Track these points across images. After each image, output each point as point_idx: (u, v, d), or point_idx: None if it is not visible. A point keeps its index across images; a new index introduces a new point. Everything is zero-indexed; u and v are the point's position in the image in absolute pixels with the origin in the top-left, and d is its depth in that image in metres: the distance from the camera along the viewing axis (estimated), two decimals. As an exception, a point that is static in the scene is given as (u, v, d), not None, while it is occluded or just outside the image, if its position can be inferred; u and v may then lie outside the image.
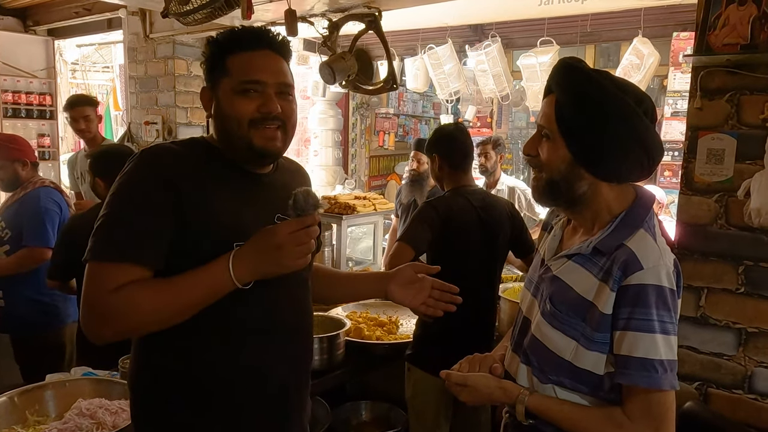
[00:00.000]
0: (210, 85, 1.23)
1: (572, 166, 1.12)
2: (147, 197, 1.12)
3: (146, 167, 1.15)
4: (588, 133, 1.10)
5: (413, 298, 1.38)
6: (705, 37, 1.75)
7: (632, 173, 1.14)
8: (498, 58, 4.46)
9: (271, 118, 1.19)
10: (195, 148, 1.23)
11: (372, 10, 2.65)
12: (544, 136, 1.15)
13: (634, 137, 1.09)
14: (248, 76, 1.18)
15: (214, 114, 1.23)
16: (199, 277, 1.10)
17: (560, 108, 1.12)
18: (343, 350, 2.24)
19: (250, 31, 1.22)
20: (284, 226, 1.09)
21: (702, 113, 1.83)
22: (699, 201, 1.87)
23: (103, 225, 1.12)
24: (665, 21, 4.26)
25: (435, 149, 2.31)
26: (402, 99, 7.80)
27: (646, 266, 1.06)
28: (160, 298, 1.09)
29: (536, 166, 1.18)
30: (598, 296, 1.10)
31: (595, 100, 1.08)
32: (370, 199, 3.70)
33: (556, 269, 1.19)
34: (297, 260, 1.11)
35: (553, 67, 1.15)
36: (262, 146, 1.19)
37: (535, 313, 1.23)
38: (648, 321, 1.04)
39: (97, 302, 1.08)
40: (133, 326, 1.12)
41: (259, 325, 1.21)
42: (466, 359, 1.33)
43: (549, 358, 1.16)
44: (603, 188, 1.14)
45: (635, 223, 1.12)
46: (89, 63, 7.97)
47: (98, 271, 1.09)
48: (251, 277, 1.12)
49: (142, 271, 1.10)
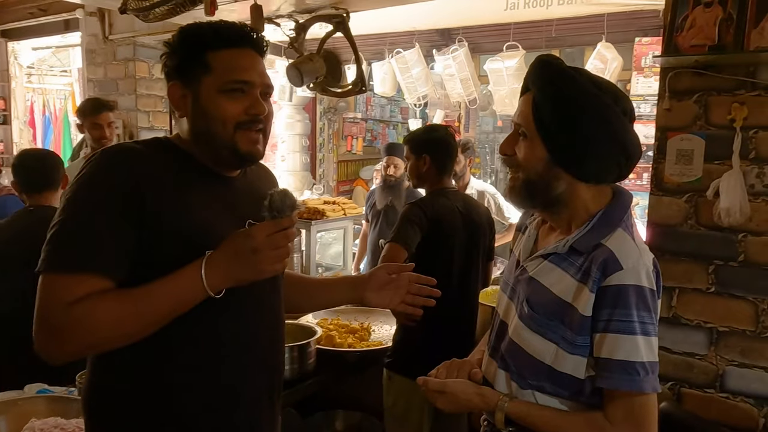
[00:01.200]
0: (183, 81, 1.14)
1: (549, 165, 1.10)
2: (108, 200, 1.03)
3: (107, 168, 1.06)
4: (565, 132, 1.07)
5: (390, 300, 1.34)
6: (673, 38, 1.76)
7: (610, 173, 1.12)
8: (465, 63, 4.48)
9: (257, 120, 1.13)
10: (160, 149, 1.15)
11: (340, 11, 2.61)
12: (521, 134, 1.12)
13: (612, 137, 1.07)
14: (236, 75, 1.11)
15: (192, 113, 1.14)
16: (167, 286, 1.02)
17: (537, 106, 1.09)
18: (315, 359, 2.18)
19: (233, 27, 1.15)
20: (261, 228, 1.02)
21: (671, 114, 1.85)
22: (669, 201, 1.88)
23: (59, 232, 1.02)
24: (627, 26, 4.36)
25: (426, 150, 2.28)
26: (370, 104, 7.77)
27: (625, 266, 1.04)
28: (124, 310, 1.00)
29: (512, 165, 1.15)
30: (577, 298, 1.07)
31: (572, 98, 1.06)
32: (339, 204, 3.65)
33: (532, 270, 1.17)
34: (274, 265, 1.04)
35: (530, 65, 1.12)
36: (247, 150, 1.13)
37: (512, 316, 1.20)
38: (629, 322, 1.02)
39: (52, 317, 0.98)
40: (94, 343, 1.02)
41: (233, 337, 1.14)
42: (444, 365, 1.29)
43: (528, 362, 1.13)
44: (580, 188, 1.12)
45: (613, 222, 1.10)
46: (46, 67, 7.70)
47: (53, 283, 0.99)
48: (225, 285, 1.04)
49: (102, 281, 1.00)
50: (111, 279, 1.02)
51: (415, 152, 2.31)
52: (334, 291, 1.44)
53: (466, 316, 2.28)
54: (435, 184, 2.31)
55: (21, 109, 7.06)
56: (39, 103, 7.62)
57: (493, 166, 7.52)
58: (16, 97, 6.77)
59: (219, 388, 1.13)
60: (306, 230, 3.48)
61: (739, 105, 1.73)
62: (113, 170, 1.06)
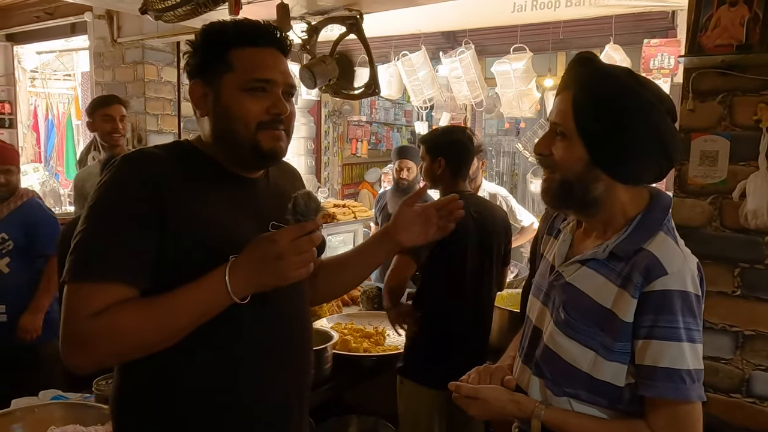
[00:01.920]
0: (204, 80, 1.12)
1: (589, 166, 1.06)
2: (130, 208, 1.02)
3: (129, 174, 1.05)
4: (607, 132, 1.04)
5: (424, 233, 1.30)
6: (696, 38, 1.74)
7: (650, 174, 1.09)
8: (472, 65, 4.46)
9: (279, 120, 1.11)
10: (180, 153, 1.14)
11: (353, 13, 2.58)
12: (559, 134, 1.09)
13: (656, 137, 1.04)
14: (258, 73, 1.09)
15: (213, 112, 1.12)
16: (191, 293, 1.00)
17: (578, 105, 1.06)
18: (331, 364, 2.16)
19: (256, 26, 1.13)
20: (285, 233, 0.99)
21: (694, 115, 1.82)
22: (693, 203, 1.86)
23: (82, 241, 1.00)
24: (636, 28, 4.36)
25: (442, 152, 2.24)
26: (374, 107, 7.77)
27: (670, 271, 1.01)
28: (148, 319, 0.98)
29: (548, 166, 1.11)
30: (618, 303, 1.04)
31: (614, 96, 1.03)
32: (349, 207, 3.63)
33: (568, 276, 1.13)
34: (298, 270, 1.00)
35: (569, 64, 1.10)
36: (270, 147, 1.11)
37: (546, 322, 1.17)
38: (674, 329, 0.99)
39: (77, 328, 0.97)
40: (119, 353, 1.01)
41: (258, 341, 1.12)
42: (476, 370, 1.25)
43: (564, 369, 1.10)
44: (619, 190, 1.09)
45: (654, 226, 1.07)
46: (49, 71, 7.70)
47: (77, 293, 0.98)
48: (249, 291, 1.01)
49: (125, 290, 0.99)
50: (134, 287, 1.00)
51: (430, 154, 2.27)
52: (368, 252, 1.38)
53: (479, 321, 2.24)
54: (449, 187, 2.27)
55: (25, 113, 7.06)
56: (42, 107, 7.62)
57: (497, 169, 7.51)
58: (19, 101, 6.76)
59: (243, 392, 1.11)
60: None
61: (766, 105, 1.71)
62: (135, 176, 1.04)
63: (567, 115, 1.07)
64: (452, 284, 2.14)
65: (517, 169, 7.49)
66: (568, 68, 1.09)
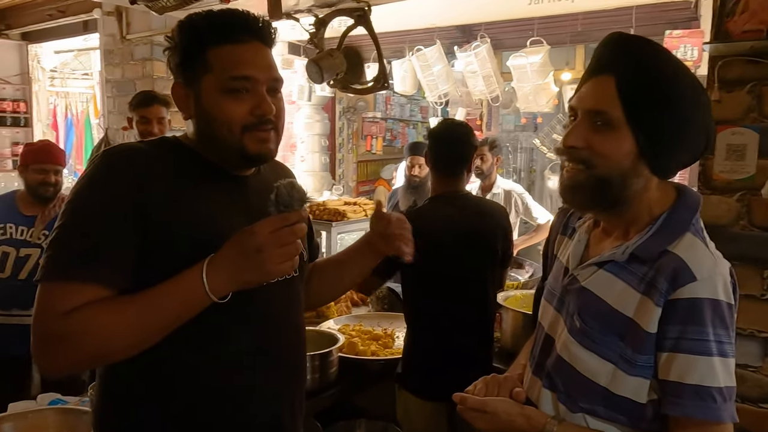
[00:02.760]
0: (184, 80, 1.07)
1: (636, 160, 0.95)
2: (109, 204, 0.97)
3: (110, 169, 1.00)
4: (664, 120, 0.92)
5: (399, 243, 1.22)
6: (723, 24, 1.63)
7: (684, 165, 0.99)
8: (487, 59, 4.37)
9: (265, 121, 1.04)
10: (167, 148, 1.08)
11: (361, 5, 2.50)
12: (602, 124, 0.95)
13: (704, 123, 0.94)
14: (237, 71, 1.02)
15: (196, 115, 1.07)
16: (167, 292, 0.95)
17: (629, 90, 0.93)
18: (337, 368, 2.08)
19: (233, 19, 1.05)
20: (265, 224, 0.93)
21: (720, 106, 1.71)
22: (718, 200, 1.74)
23: (58, 239, 0.96)
24: (657, 19, 4.22)
25: (428, 148, 2.12)
26: (389, 103, 7.68)
27: (700, 277, 0.91)
28: (122, 318, 0.93)
29: (583, 160, 0.98)
30: (640, 312, 0.94)
31: (674, 79, 0.91)
32: (360, 205, 3.56)
33: (584, 279, 1.04)
34: (281, 265, 0.94)
35: (607, 43, 0.97)
36: (257, 150, 1.05)
37: (560, 330, 1.07)
38: (703, 341, 0.89)
39: (48, 327, 0.92)
40: (93, 354, 0.95)
41: (246, 344, 1.06)
42: (482, 380, 1.16)
43: (579, 382, 1.00)
44: (652, 186, 0.98)
45: (680, 226, 0.97)
46: (68, 70, 7.76)
47: (50, 293, 0.94)
48: (229, 288, 0.96)
49: (101, 291, 0.94)
50: (111, 288, 0.95)
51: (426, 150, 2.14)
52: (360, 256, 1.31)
53: (475, 327, 2.09)
54: (437, 188, 2.09)
55: (44, 113, 7.13)
56: (62, 106, 7.69)
57: (514, 165, 7.39)
58: (39, 100, 6.83)
59: (232, 396, 1.05)
60: (326, 232, 3.39)
61: (799, 95, 1.59)
62: (115, 172, 0.99)
63: (612, 101, 0.94)
64: (434, 293, 2.02)
65: (535, 166, 7.35)
66: (606, 48, 0.97)
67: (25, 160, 2.61)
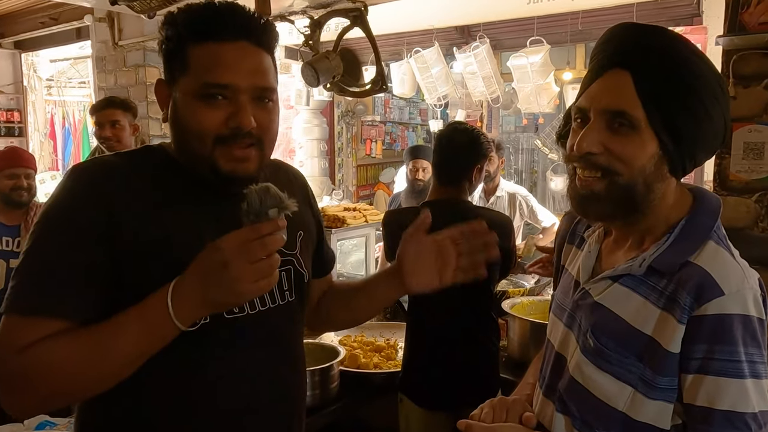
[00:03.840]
0: (167, 79, 0.95)
1: (659, 162, 0.86)
2: (75, 228, 0.87)
3: (76, 189, 0.91)
4: (688, 118, 0.84)
5: (439, 275, 1.05)
6: (737, 16, 1.54)
7: (697, 165, 0.91)
8: (487, 60, 4.32)
9: (242, 135, 0.91)
10: (146, 159, 0.98)
11: (357, 5, 2.43)
12: (624, 125, 0.86)
13: (724, 119, 0.86)
14: (213, 77, 0.89)
15: (171, 120, 0.95)
16: (130, 322, 0.84)
17: (648, 86, 0.84)
18: (338, 382, 2.00)
19: (222, 13, 0.92)
20: (231, 236, 0.81)
21: (736, 103, 1.63)
22: (736, 201, 1.66)
23: (21, 269, 0.87)
24: (658, 16, 4.17)
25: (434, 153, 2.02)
26: (388, 106, 7.62)
27: (728, 291, 0.82)
28: (82, 352, 0.83)
29: (601, 167, 0.87)
30: (661, 329, 0.86)
31: (697, 73, 0.83)
32: (360, 210, 3.47)
33: (597, 294, 0.95)
34: (254, 283, 0.81)
35: (618, 32, 0.88)
36: (230, 170, 0.92)
37: (571, 349, 0.98)
38: (734, 362, 0.81)
39: (5, 366, 0.84)
40: (55, 392, 0.85)
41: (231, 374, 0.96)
42: (489, 404, 1.07)
43: (595, 406, 0.91)
44: (671, 189, 0.90)
45: (701, 234, 0.88)
46: (65, 79, 7.72)
47: (8, 327, 0.85)
48: (198, 314, 0.85)
49: (61, 323, 0.85)
50: (71, 321, 0.85)
51: None
52: (376, 290, 1.16)
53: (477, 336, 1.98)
54: (431, 194, 1.99)
55: (41, 122, 7.08)
56: (59, 115, 7.65)
57: (516, 167, 7.31)
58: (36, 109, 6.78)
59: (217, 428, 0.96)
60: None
61: (820, 90, 1.51)
62: (81, 192, 0.90)
63: (632, 100, 0.84)
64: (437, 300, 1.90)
65: (537, 167, 7.28)
66: (616, 40, 0.87)
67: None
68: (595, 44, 0.93)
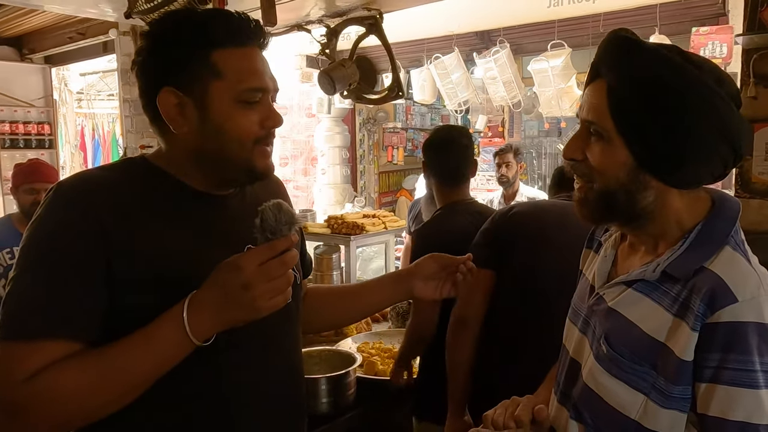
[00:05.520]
0: (181, 86, 0.91)
1: (635, 172, 0.86)
2: (66, 247, 0.85)
3: (64, 207, 0.88)
4: (658, 131, 0.83)
5: (439, 290, 1.18)
6: (757, 14, 1.51)
7: (711, 176, 0.88)
8: (507, 64, 4.30)
9: (273, 134, 0.97)
10: (132, 173, 0.97)
11: (372, 13, 2.44)
12: (593, 134, 0.89)
13: (720, 131, 0.83)
14: (254, 81, 0.93)
15: (199, 129, 0.92)
16: (143, 340, 0.83)
17: (617, 98, 0.85)
18: (354, 389, 1.99)
19: (241, 20, 0.94)
20: (251, 256, 0.82)
21: (757, 103, 1.59)
22: (759, 204, 1.62)
23: (14, 293, 0.85)
24: (682, 17, 4.10)
25: (423, 152, 2.03)
26: (410, 112, 7.63)
27: (742, 298, 0.80)
28: (92, 377, 0.82)
29: (583, 173, 0.91)
30: (673, 336, 0.84)
31: (664, 84, 0.82)
32: (379, 217, 3.48)
33: (611, 300, 0.93)
34: (272, 300, 0.83)
35: (601, 44, 0.89)
36: (264, 166, 0.97)
37: (586, 355, 0.97)
38: (749, 372, 0.78)
39: (11, 395, 0.81)
40: (64, 420, 0.84)
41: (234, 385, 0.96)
42: (502, 405, 1.06)
43: (608, 414, 0.90)
44: (672, 196, 0.88)
45: (717, 239, 0.86)
46: (94, 92, 7.92)
47: (10, 354, 0.82)
48: (214, 330, 0.85)
49: (67, 346, 0.83)
50: (76, 341, 0.84)
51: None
52: (376, 291, 1.25)
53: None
54: (444, 198, 2.01)
55: (72, 134, 7.28)
56: (89, 127, 7.85)
57: (539, 172, 7.25)
58: (67, 122, 6.97)
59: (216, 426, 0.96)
60: (345, 246, 3.32)
61: None
62: (69, 209, 0.88)
63: (602, 110, 0.87)
64: None
65: (561, 171, 7.20)
66: (600, 51, 0.89)
67: (15, 181, 2.60)
68: None
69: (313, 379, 1.89)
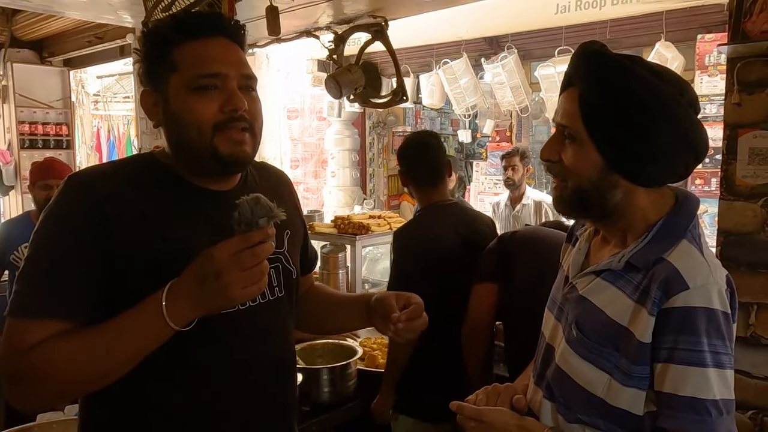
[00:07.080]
0: (153, 86, 1.01)
1: (605, 172, 0.95)
2: (72, 235, 0.94)
3: (71, 198, 0.96)
4: (624, 135, 0.92)
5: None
6: (741, 24, 1.58)
7: (674, 176, 0.96)
8: (515, 70, 4.35)
9: (237, 117, 0.97)
10: (137, 168, 1.04)
11: (378, 20, 2.53)
12: (567, 137, 0.97)
13: (682, 136, 0.91)
14: (205, 68, 0.96)
15: (165, 121, 1.00)
16: (127, 322, 0.90)
17: (586, 104, 0.94)
18: (355, 380, 2.08)
19: (198, 16, 1.02)
20: (224, 247, 0.86)
21: (741, 109, 1.65)
22: (742, 207, 1.68)
23: (23, 274, 0.94)
24: (688, 24, 4.13)
25: (399, 160, 2.12)
26: (419, 117, 7.69)
27: (692, 285, 0.88)
28: (82, 350, 0.90)
29: (558, 173, 1.00)
30: (634, 321, 0.92)
31: (629, 91, 0.91)
32: (385, 218, 3.56)
33: (582, 288, 1.02)
34: (245, 289, 0.87)
35: (573, 55, 0.98)
36: (230, 153, 0.98)
37: (559, 339, 1.05)
38: (697, 352, 0.86)
39: (12, 364, 0.91)
40: (58, 389, 0.92)
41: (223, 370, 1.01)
42: (483, 390, 1.14)
43: (577, 393, 0.98)
44: (639, 194, 0.97)
45: (676, 233, 0.94)
46: (110, 94, 8.09)
47: (13, 329, 0.92)
48: (192, 315, 0.90)
49: (62, 325, 0.92)
50: (72, 321, 0.92)
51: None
52: (349, 313, 1.27)
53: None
54: (423, 199, 2.09)
55: (88, 135, 7.45)
56: (104, 128, 8.01)
57: (547, 176, 7.28)
58: (83, 123, 7.13)
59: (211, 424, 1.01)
60: (351, 245, 3.40)
61: (823, 95, 1.53)
62: (76, 200, 0.96)
63: (574, 115, 0.95)
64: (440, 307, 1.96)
65: (569, 176, 7.21)
66: (572, 61, 0.98)
67: (32, 177, 2.71)
68: None
69: (315, 369, 1.98)
